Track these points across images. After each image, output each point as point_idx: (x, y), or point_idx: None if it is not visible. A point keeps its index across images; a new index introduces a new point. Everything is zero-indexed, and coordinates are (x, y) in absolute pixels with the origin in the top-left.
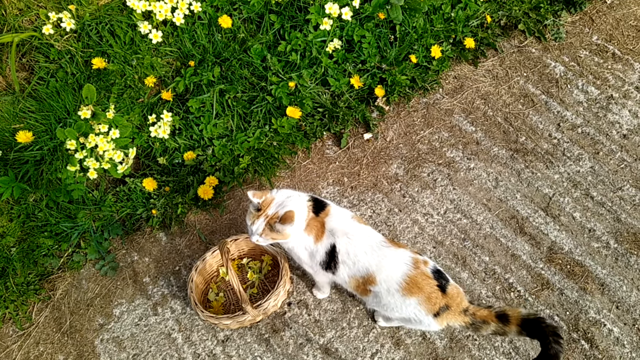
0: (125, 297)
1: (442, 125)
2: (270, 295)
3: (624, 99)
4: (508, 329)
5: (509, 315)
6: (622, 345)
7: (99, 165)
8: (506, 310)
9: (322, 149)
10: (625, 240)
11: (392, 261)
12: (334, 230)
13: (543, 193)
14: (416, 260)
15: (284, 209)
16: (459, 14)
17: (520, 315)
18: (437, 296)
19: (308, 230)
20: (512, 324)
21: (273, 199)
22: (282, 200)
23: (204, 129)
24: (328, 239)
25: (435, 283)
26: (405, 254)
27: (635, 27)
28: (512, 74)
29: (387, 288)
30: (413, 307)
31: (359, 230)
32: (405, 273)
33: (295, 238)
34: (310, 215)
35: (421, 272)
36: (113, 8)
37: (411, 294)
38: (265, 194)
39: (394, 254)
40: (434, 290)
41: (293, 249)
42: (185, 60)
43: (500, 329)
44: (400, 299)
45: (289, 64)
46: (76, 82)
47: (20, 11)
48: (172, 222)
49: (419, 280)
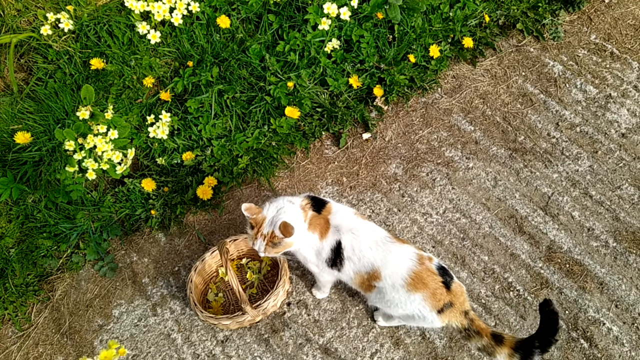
0: (124, 297)
1: (440, 125)
2: (270, 295)
3: (623, 98)
4: (499, 350)
5: (504, 338)
6: (621, 344)
7: (97, 166)
8: (503, 334)
9: (321, 149)
10: (624, 239)
11: (397, 256)
12: (339, 226)
13: (542, 192)
14: (421, 256)
15: (278, 222)
16: (457, 13)
17: (515, 340)
18: (442, 292)
19: (312, 228)
20: (505, 345)
21: (264, 218)
22: (273, 216)
23: (202, 129)
24: (333, 235)
25: (440, 279)
26: (410, 249)
27: (634, 26)
28: (510, 74)
29: (392, 283)
30: (418, 303)
31: (364, 226)
32: (411, 268)
33: (299, 240)
34: (312, 214)
35: (426, 268)
36: (111, 8)
37: (416, 289)
38: (257, 210)
39: (398, 249)
40: (438, 287)
41: (299, 251)
42: (183, 61)
43: (491, 347)
44: (405, 295)
45: (288, 64)
46: (74, 82)
47: (19, 12)
48: (171, 222)
49: (424, 276)
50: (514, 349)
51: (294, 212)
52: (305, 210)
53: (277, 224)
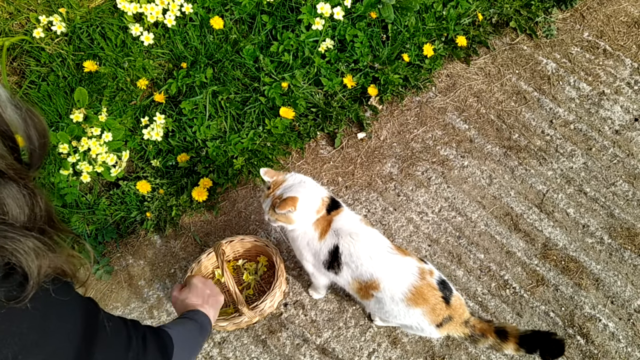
0: (120, 300)
1: (435, 124)
2: (266, 296)
3: (616, 95)
4: (505, 345)
5: (507, 332)
6: (617, 340)
7: (92, 169)
8: (506, 327)
9: (316, 149)
10: (619, 236)
11: (398, 270)
12: (338, 230)
13: (537, 190)
14: (422, 271)
15: (290, 192)
16: (450, 12)
17: (518, 333)
18: (442, 307)
19: (315, 225)
20: (509, 340)
21: (284, 181)
22: (292, 184)
23: (197, 130)
24: (332, 238)
25: (440, 295)
26: (412, 263)
27: (626, 23)
28: (504, 72)
29: (391, 296)
30: (417, 317)
31: (365, 233)
32: (412, 283)
33: (301, 228)
34: (323, 212)
35: (427, 284)
36: (104, 10)
37: (416, 304)
38: (279, 174)
39: (400, 262)
40: (438, 302)
41: (297, 240)
42: (177, 62)
43: (497, 344)
44: (404, 309)
45: (282, 65)
46: (68, 85)
47: (11, 15)
48: (167, 224)
49: (424, 291)
50: (519, 344)
51: (314, 194)
52: (323, 203)
53: (292, 191)
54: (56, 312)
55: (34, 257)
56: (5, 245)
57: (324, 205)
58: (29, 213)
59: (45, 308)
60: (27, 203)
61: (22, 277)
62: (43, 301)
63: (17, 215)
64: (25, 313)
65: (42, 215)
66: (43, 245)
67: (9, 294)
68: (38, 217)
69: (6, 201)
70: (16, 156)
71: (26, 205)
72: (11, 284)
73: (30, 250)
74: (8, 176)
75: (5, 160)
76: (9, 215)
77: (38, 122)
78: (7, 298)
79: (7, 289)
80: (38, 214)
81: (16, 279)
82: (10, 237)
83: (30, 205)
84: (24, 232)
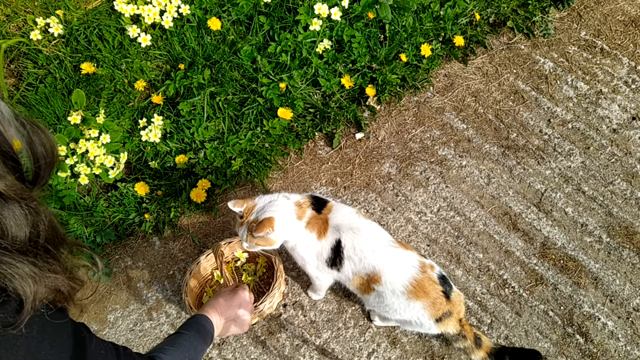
0: (119, 302)
1: (433, 124)
2: (266, 297)
3: (613, 94)
4: (476, 352)
5: (482, 342)
6: (616, 338)
7: (90, 171)
8: (482, 337)
9: (314, 149)
10: (618, 234)
11: (400, 263)
12: (338, 225)
13: (535, 189)
14: (423, 264)
15: (264, 214)
16: (447, 12)
17: (491, 346)
18: (442, 302)
19: (310, 227)
20: (482, 349)
21: (255, 205)
22: (263, 206)
23: (195, 132)
24: (333, 234)
25: (440, 289)
26: (413, 256)
27: (623, 22)
28: (502, 71)
29: (392, 289)
30: (417, 311)
31: (366, 226)
32: (413, 276)
33: (293, 239)
34: (311, 213)
35: (428, 277)
36: (101, 12)
37: (417, 297)
38: (247, 201)
39: (402, 255)
40: (439, 296)
41: (295, 250)
42: (175, 64)
43: (470, 348)
44: (404, 302)
45: (279, 65)
46: (65, 87)
47: (7, 17)
48: (165, 226)
49: (425, 284)
50: (489, 354)
51: (286, 207)
52: (301, 207)
53: (265, 213)
54: (49, 339)
55: (31, 282)
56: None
57: (303, 208)
58: (31, 232)
59: (39, 334)
60: (29, 222)
61: (18, 303)
62: (37, 327)
63: (16, 235)
64: (19, 339)
65: (46, 233)
66: (40, 270)
67: (4, 321)
68: (42, 235)
69: (6, 222)
70: (18, 176)
71: (27, 225)
72: (7, 312)
73: (27, 275)
74: (8, 196)
75: (5, 181)
76: (9, 236)
77: (46, 141)
78: (4, 325)
79: (3, 316)
80: (41, 232)
81: (12, 305)
82: (6, 262)
83: (32, 224)
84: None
